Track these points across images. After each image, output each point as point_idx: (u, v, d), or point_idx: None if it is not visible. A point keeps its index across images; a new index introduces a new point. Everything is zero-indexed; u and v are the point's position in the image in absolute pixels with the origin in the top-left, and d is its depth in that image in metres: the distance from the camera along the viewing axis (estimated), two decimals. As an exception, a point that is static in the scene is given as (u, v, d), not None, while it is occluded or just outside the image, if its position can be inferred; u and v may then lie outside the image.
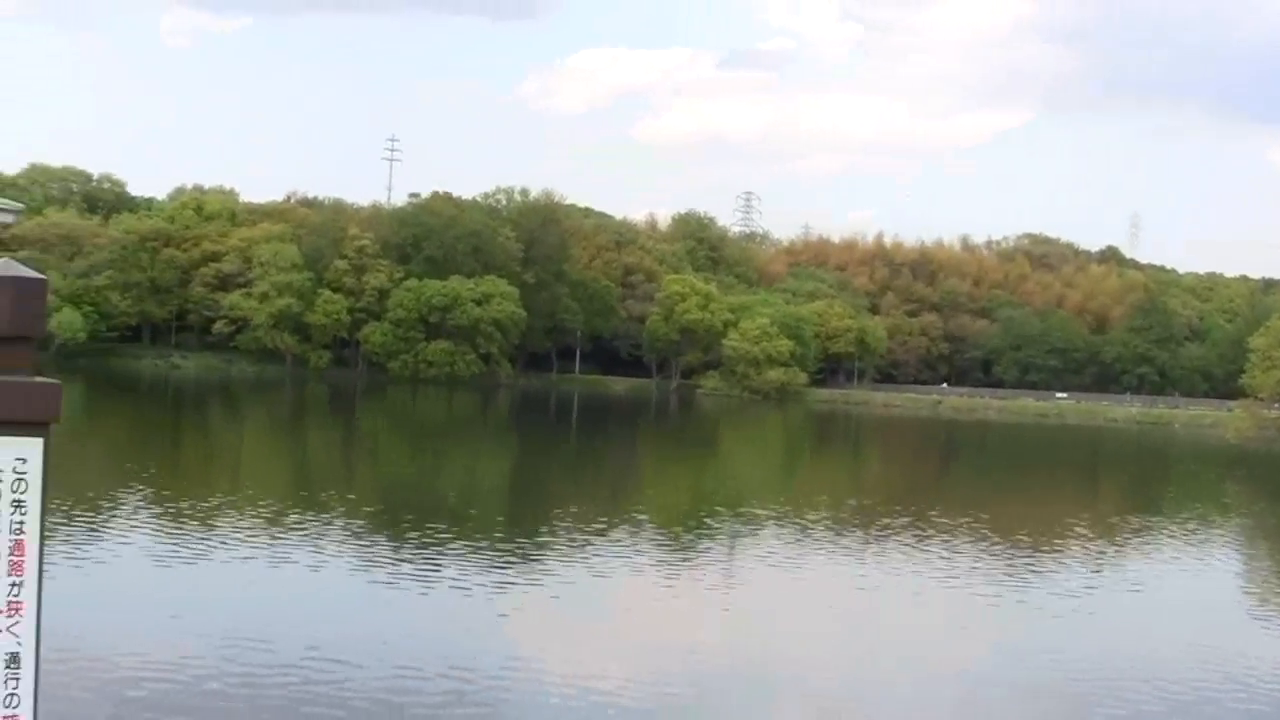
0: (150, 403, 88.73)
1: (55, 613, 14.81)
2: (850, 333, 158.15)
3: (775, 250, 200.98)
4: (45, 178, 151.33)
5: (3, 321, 4.02)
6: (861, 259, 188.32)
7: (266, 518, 32.35)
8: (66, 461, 39.96)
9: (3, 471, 4.00)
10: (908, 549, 33.44)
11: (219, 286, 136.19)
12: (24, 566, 4.02)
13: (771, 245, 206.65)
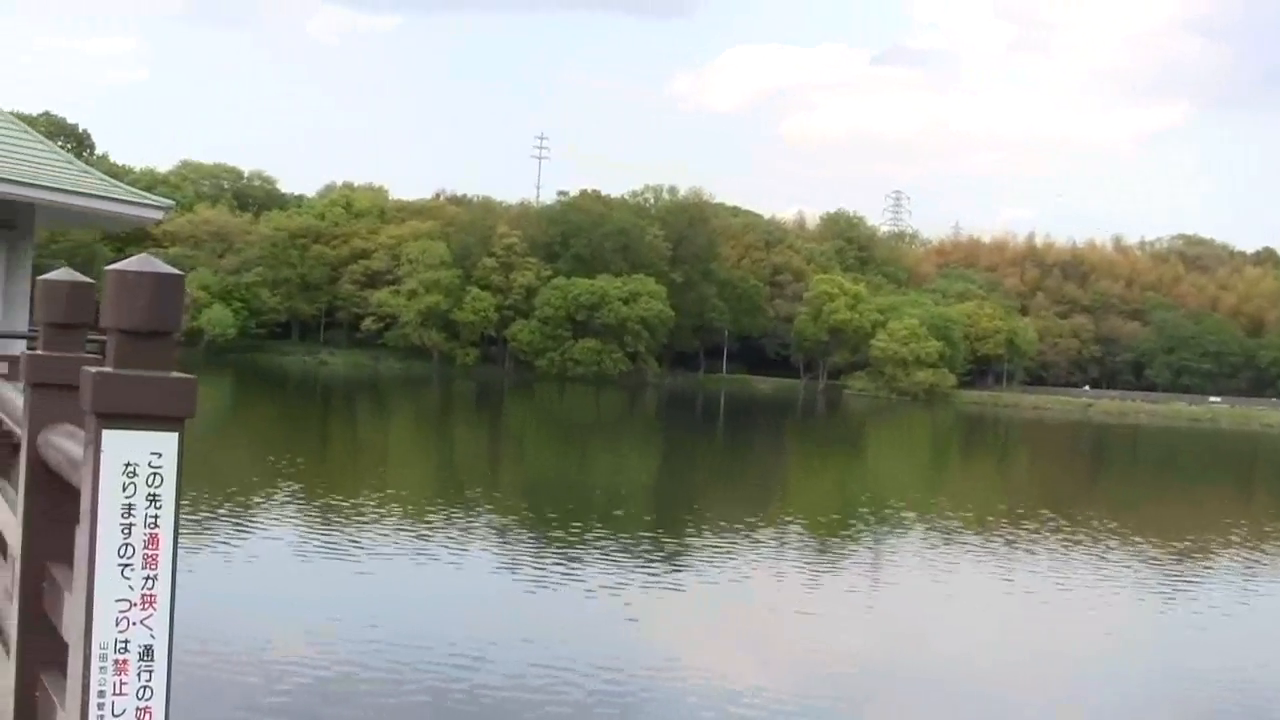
0: (298, 399, 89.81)
1: (199, 606, 15.03)
2: (1000, 334, 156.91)
3: (925, 250, 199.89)
4: (197, 175, 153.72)
5: (140, 316, 4.05)
6: (1012, 259, 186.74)
7: (412, 515, 32.58)
8: (214, 457, 40.56)
9: (138, 465, 4.02)
10: (1056, 554, 33.05)
11: (367, 283, 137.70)
12: (158, 560, 4.05)
13: (921, 245, 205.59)
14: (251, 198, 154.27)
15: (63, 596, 4.73)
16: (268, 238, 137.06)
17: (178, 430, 4.06)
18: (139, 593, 4.03)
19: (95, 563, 4.01)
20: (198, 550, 24.63)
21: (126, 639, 4.02)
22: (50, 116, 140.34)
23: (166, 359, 4.09)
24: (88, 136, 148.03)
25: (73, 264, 39.35)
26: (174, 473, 4.06)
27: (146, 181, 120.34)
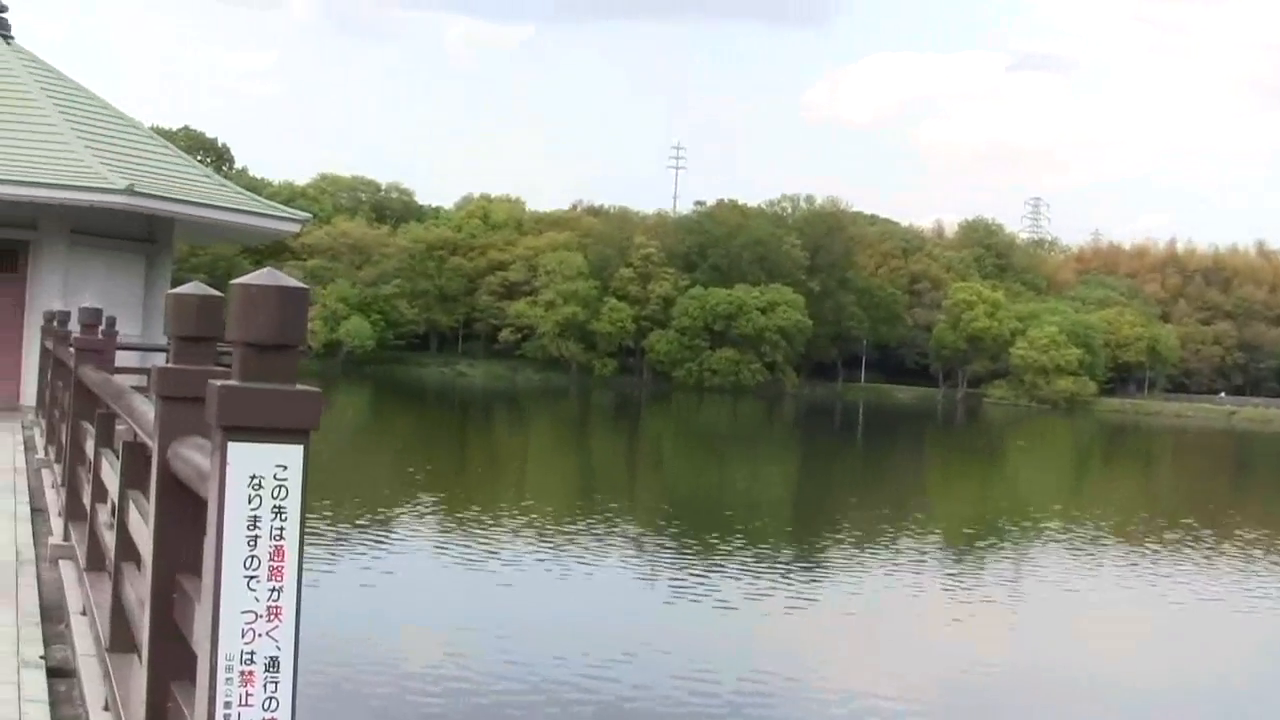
0: (436, 410, 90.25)
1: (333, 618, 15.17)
2: (1141, 341, 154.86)
3: (1064, 257, 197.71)
4: (335, 187, 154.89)
5: (266, 330, 4.09)
6: (1153, 266, 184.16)
7: (549, 525, 32.66)
8: (352, 468, 40.88)
9: (264, 478, 4.06)
10: (1201, 565, 32.54)
11: (505, 295, 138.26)
12: (284, 572, 4.08)
13: (1060, 252, 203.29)
14: (389, 210, 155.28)
15: (192, 607, 4.78)
16: (406, 250, 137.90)
17: (303, 443, 4.09)
18: (265, 604, 4.06)
19: (221, 574, 4.05)
20: (333, 561, 24.84)
21: (252, 650, 4.05)
22: (190, 131, 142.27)
23: (291, 372, 4.12)
24: (227, 150, 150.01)
25: (212, 277, 40.00)
26: (299, 485, 4.09)
27: (285, 195, 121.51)
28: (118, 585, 7.76)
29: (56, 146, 31.39)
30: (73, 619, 9.97)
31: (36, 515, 15.26)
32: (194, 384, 5.30)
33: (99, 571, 10.04)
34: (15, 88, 33.45)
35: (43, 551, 12.81)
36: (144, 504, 6.81)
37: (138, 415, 7.28)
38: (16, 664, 8.80)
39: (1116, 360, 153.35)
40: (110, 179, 29.96)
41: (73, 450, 13.15)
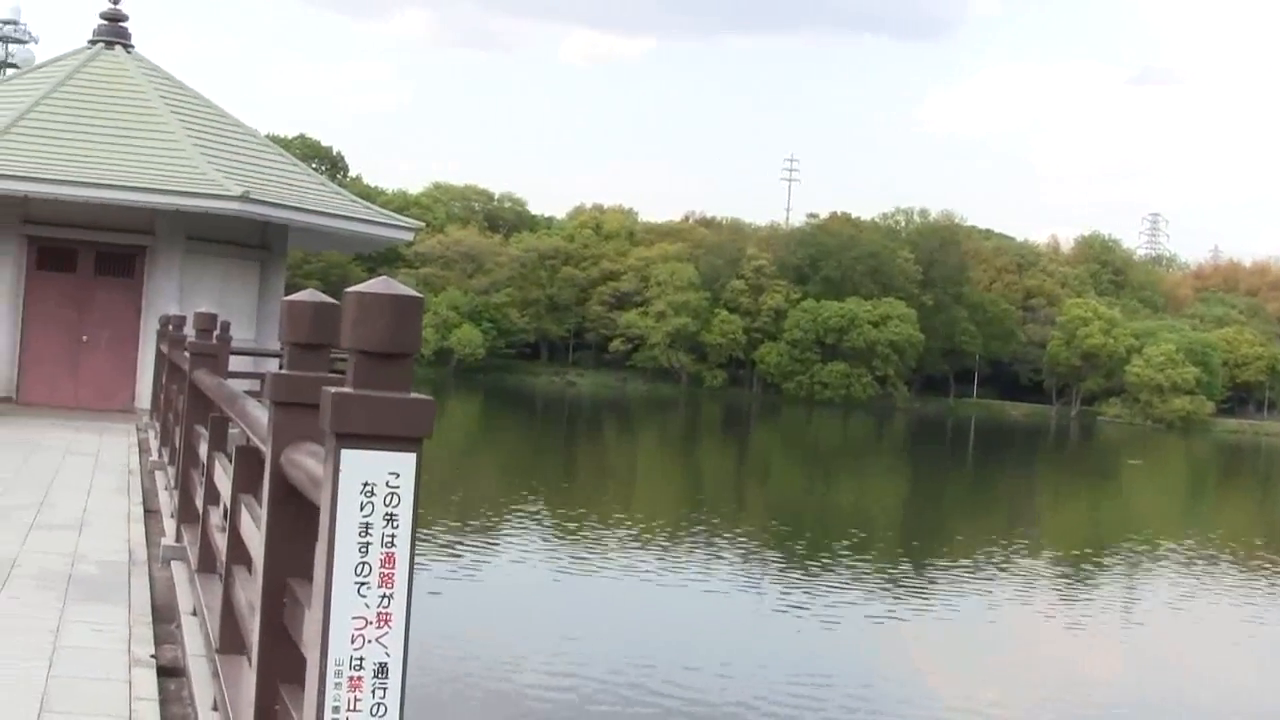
0: (545, 419, 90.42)
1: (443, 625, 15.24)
2: (1261, 361, 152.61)
3: (1182, 274, 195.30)
4: (448, 196, 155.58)
5: (380, 338, 4.11)
6: (1274, 283, 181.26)
7: (658, 536, 32.68)
8: (462, 476, 41.05)
9: (376, 485, 4.08)
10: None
11: (616, 305, 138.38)
12: (394, 579, 4.09)
13: (1178, 269, 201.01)
14: (502, 219, 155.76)
15: (302, 611, 4.80)
16: (517, 259, 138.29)
17: (415, 451, 4.10)
18: (375, 611, 4.07)
19: (332, 580, 4.06)
20: (441, 568, 24.94)
21: (362, 656, 4.07)
22: (305, 139, 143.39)
23: (405, 380, 4.14)
24: (341, 159, 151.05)
25: (325, 284, 40.29)
26: (411, 493, 4.10)
27: (398, 203, 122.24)
28: (228, 587, 7.83)
29: (174, 154, 31.74)
30: (183, 619, 10.07)
31: (150, 516, 15.43)
32: (308, 390, 5.34)
33: (210, 573, 10.14)
34: (135, 96, 33.88)
35: (155, 552, 12.95)
36: (256, 508, 6.86)
37: (251, 420, 7.35)
38: (128, 662, 8.90)
39: (1235, 380, 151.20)
40: (226, 186, 30.27)
41: (186, 453, 13.29)
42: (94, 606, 10.42)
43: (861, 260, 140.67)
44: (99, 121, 32.55)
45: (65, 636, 9.43)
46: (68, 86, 33.81)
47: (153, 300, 30.96)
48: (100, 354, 31.44)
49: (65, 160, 30.49)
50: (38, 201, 30.30)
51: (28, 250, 31.28)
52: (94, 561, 12.35)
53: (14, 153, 30.47)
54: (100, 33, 36.64)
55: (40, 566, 11.85)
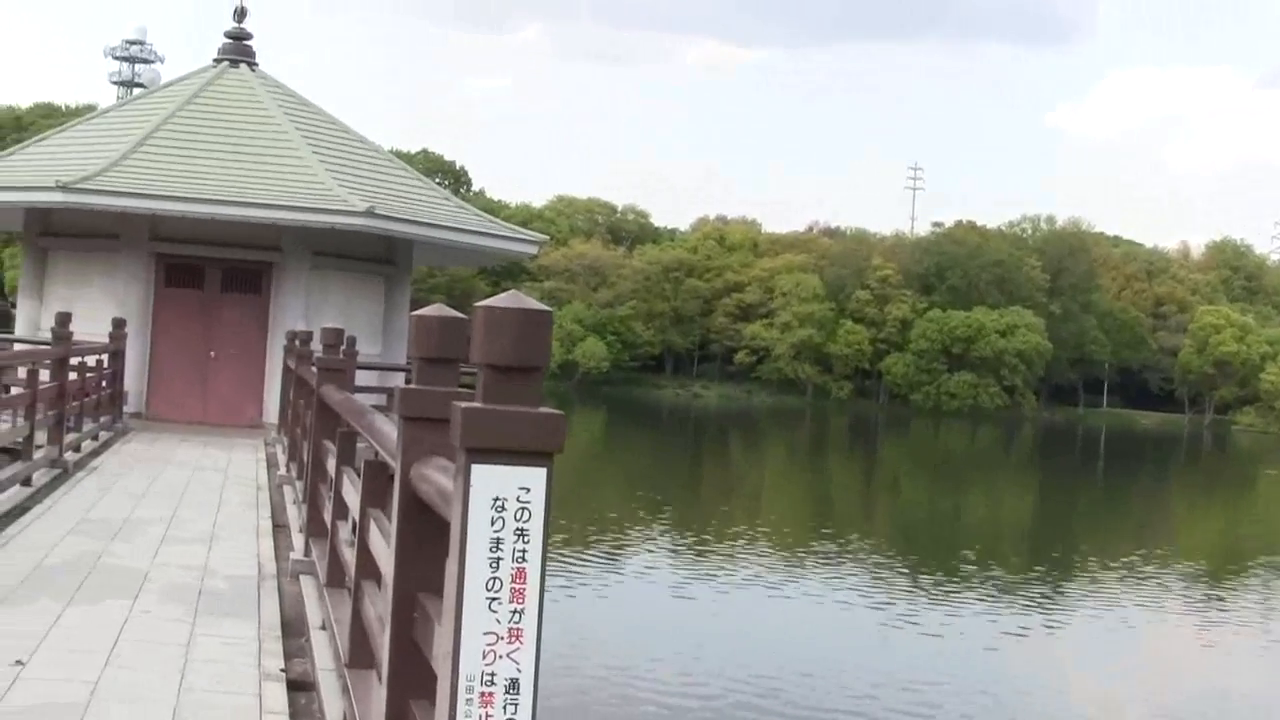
0: (670, 432, 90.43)
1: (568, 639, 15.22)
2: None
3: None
4: (571, 210, 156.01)
5: (508, 352, 4.09)
6: None
7: (783, 550, 32.59)
8: (587, 489, 41.11)
9: (506, 500, 4.06)
10: None
11: (740, 317, 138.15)
12: (525, 594, 4.08)
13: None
14: (625, 232, 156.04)
15: (432, 626, 4.80)
16: (641, 271, 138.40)
17: (546, 465, 4.09)
18: (506, 626, 4.06)
19: (463, 595, 4.05)
20: (569, 581, 24.98)
21: (493, 671, 4.06)
22: (428, 154, 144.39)
23: (534, 394, 4.12)
24: (464, 173, 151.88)
25: (450, 298, 40.50)
26: (542, 508, 4.08)
27: (522, 217, 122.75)
28: (358, 602, 7.84)
29: (299, 170, 32.02)
30: (313, 633, 10.12)
31: (278, 531, 15.54)
32: (437, 405, 5.34)
33: (339, 588, 10.18)
34: (260, 113, 34.23)
35: (284, 566, 13.03)
36: (385, 523, 6.87)
37: (379, 435, 7.35)
38: (258, 676, 8.95)
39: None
40: (351, 201, 30.48)
41: (314, 468, 13.36)
42: (224, 620, 10.49)
43: (987, 269, 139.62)
44: (225, 139, 32.90)
45: (196, 650, 9.49)
46: (194, 105, 34.21)
47: (279, 316, 31.22)
48: (228, 370, 31.75)
49: (192, 178, 30.83)
50: (166, 219, 30.65)
51: (156, 267, 31.66)
52: (224, 576, 12.45)
53: (142, 171, 30.86)
54: (225, 51, 37.06)
55: (171, 581, 11.95)
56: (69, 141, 35.10)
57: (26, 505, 15.91)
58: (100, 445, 23.90)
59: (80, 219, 31.42)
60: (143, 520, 15.45)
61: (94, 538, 13.98)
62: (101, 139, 33.78)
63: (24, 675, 8.48)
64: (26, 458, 17.57)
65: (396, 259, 34.52)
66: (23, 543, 13.46)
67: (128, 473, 20.42)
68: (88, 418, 23.73)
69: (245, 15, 37.31)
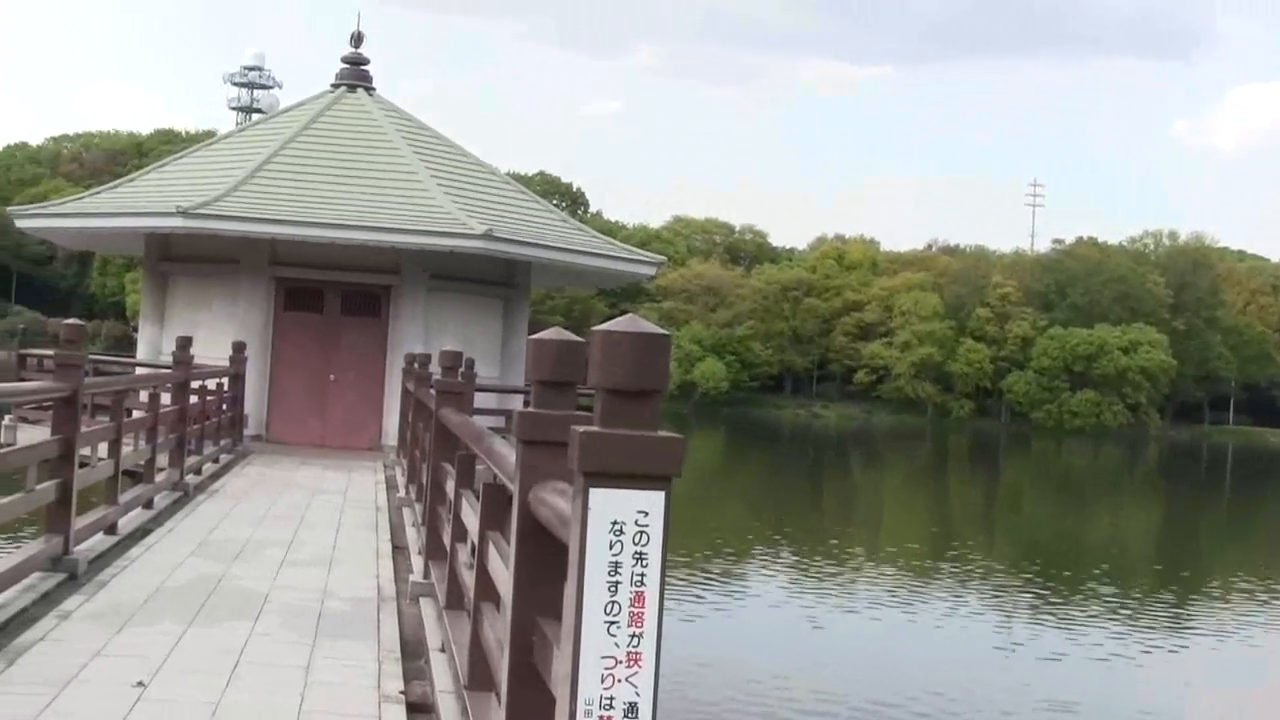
0: (789, 452, 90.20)
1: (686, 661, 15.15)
2: None
3: None
4: (689, 230, 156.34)
5: (626, 376, 4.07)
6: None
7: (904, 570, 32.39)
8: (706, 510, 41.05)
9: (625, 524, 4.04)
10: None
11: (860, 336, 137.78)
12: (644, 618, 4.05)
13: None
14: (743, 252, 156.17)
15: (551, 650, 4.79)
16: (759, 291, 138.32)
17: (664, 489, 4.07)
18: (624, 650, 4.04)
19: (582, 619, 4.04)
20: (691, 600, 24.93)
21: (612, 695, 4.05)
22: (545, 176, 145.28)
23: (652, 417, 4.10)
24: (582, 195, 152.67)
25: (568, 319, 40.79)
26: (661, 531, 4.06)
27: (639, 238, 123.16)
28: (477, 625, 7.83)
29: (418, 193, 32.21)
30: (432, 656, 10.12)
31: (398, 553, 15.60)
32: (555, 428, 5.32)
33: (458, 610, 10.18)
34: (378, 137, 34.50)
35: (403, 588, 13.06)
36: (503, 545, 6.86)
37: (498, 458, 7.34)
38: (377, 698, 8.96)
39: None
40: (469, 224, 30.60)
41: (433, 490, 13.39)
42: (343, 642, 10.52)
43: (1109, 285, 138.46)
44: (343, 163, 33.18)
45: (315, 672, 9.52)
46: (312, 130, 34.55)
47: (398, 339, 31.40)
48: (347, 392, 31.97)
49: (311, 202, 31.11)
50: (285, 243, 30.93)
51: (276, 291, 31.95)
52: (343, 598, 12.49)
53: (262, 196, 31.18)
54: (342, 76, 37.43)
55: (291, 603, 12.01)
56: (189, 167, 35.56)
57: (148, 527, 16.07)
58: (220, 468, 24.12)
59: (200, 244, 31.77)
60: (263, 542, 15.56)
61: (214, 560, 14.09)
62: (221, 164, 34.19)
63: (146, 696, 8.54)
64: (148, 480, 17.76)
65: (514, 281, 34.64)
66: (145, 565, 13.58)
67: (248, 495, 20.59)
68: (208, 441, 23.96)
69: (362, 40, 37.71)
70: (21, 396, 15.56)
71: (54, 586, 11.79)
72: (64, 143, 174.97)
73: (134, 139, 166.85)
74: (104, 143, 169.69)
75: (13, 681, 8.68)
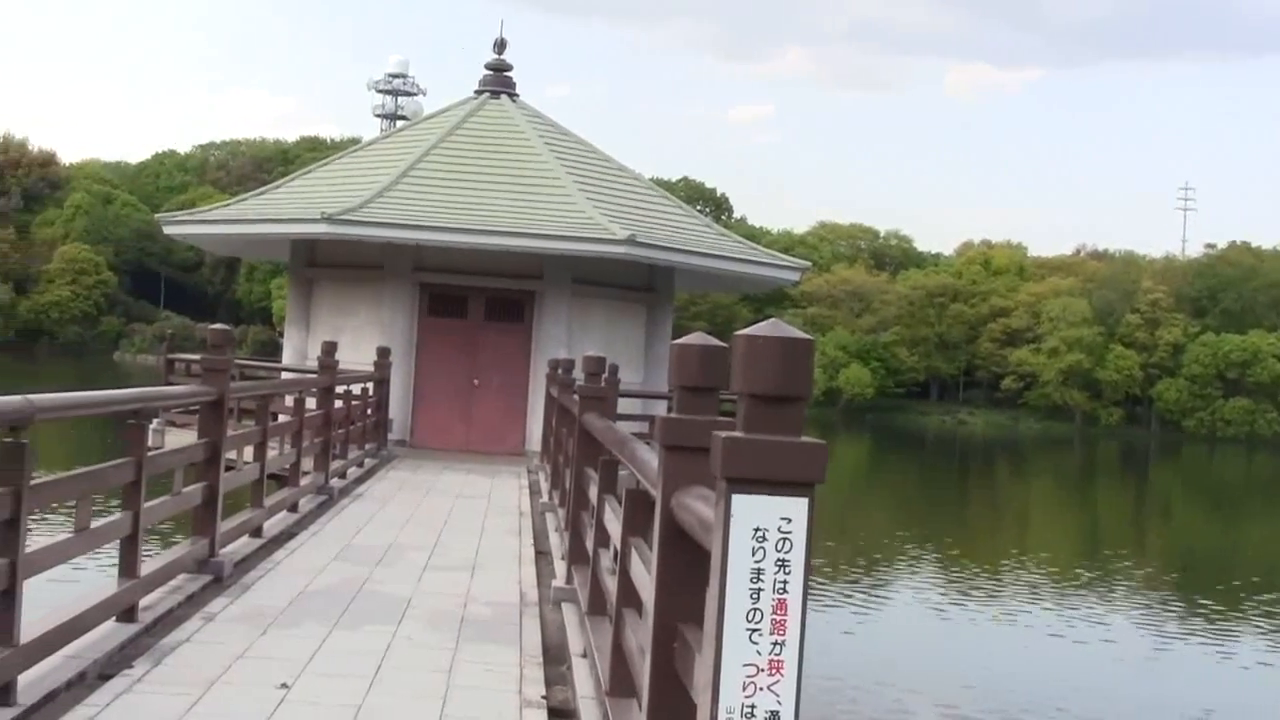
0: (934, 459, 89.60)
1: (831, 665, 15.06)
2: None
3: None
4: (833, 235, 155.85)
5: (770, 381, 4.04)
6: None
7: (1051, 580, 32.02)
8: (849, 516, 40.85)
9: (768, 531, 4.00)
10: None
11: (1007, 342, 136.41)
12: (786, 626, 4.02)
13: None
14: (888, 257, 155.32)
15: (693, 656, 4.77)
16: (905, 297, 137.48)
17: (808, 496, 4.03)
18: (766, 658, 4.02)
19: (724, 626, 4.03)
20: (833, 609, 24.80)
21: (753, 704, 4.04)
22: (689, 182, 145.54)
23: (796, 424, 4.07)
24: (725, 200, 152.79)
25: (711, 325, 40.73)
26: (804, 539, 4.03)
27: (783, 243, 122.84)
28: (618, 630, 7.81)
29: (560, 199, 32.34)
30: (574, 661, 10.13)
31: (541, 558, 15.64)
32: (697, 434, 5.29)
33: (600, 615, 10.18)
34: (521, 143, 34.69)
35: (546, 594, 13.09)
36: (646, 551, 6.83)
37: (641, 463, 7.32)
38: (519, 703, 8.97)
39: None
40: (612, 230, 30.66)
41: (576, 495, 13.41)
42: (486, 647, 10.55)
43: (1263, 291, 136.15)
44: (487, 169, 33.39)
45: (458, 676, 9.55)
46: (456, 136, 34.81)
47: (541, 344, 31.54)
48: (491, 397, 32.16)
49: (455, 208, 31.32)
50: (430, 249, 31.18)
51: (420, 297, 32.20)
52: (486, 602, 12.54)
53: (406, 202, 31.44)
54: (486, 83, 37.71)
55: (434, 607, 12.07)
56: (334, 174, 35.97)
57: (293, 531, 16.25)
58: (365, 473, 24.35)
59: (345, 250, 32.12)
60: (406, 546, 15.67)
61: (358, 564, 14.20)
62: (365, 171, 34.55)
63: (289, 698, 8.61)
64: (293, 484, 17.94)
65: (658, 286, 34.68)
66: (290, 567, 13.72)
67: (391, 500, 20.76)
68: (353, 445, 24.18)
69: (505, 47, 37.98)
70: (169, 401, 15.76)
71: (200, 588, 11.94)
72: (211, 150, 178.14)
73: (280, 146, 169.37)
74: (250, 150, 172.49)
75: (159, 681, 8.79)
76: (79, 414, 9.94)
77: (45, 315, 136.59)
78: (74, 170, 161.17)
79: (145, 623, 10.21)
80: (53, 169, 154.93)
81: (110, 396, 10.22)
